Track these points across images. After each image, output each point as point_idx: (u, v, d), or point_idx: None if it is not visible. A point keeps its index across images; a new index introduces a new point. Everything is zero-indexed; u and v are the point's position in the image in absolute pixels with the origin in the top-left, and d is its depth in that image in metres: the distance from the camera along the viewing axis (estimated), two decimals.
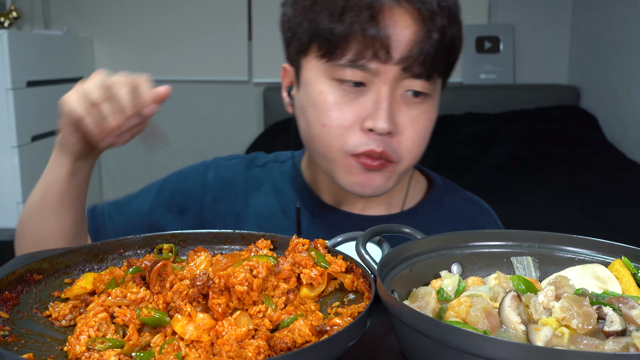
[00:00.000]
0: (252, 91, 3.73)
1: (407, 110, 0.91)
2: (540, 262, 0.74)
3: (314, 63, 0.92)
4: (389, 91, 0.89)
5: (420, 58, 0.87)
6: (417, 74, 0.89)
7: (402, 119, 0.91)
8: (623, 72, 3.40)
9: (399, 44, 0.86)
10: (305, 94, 0.94)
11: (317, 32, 0.89)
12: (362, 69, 0.88)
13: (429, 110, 0.94)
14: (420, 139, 0.94)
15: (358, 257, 0.69)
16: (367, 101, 0.90)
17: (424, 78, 0.90)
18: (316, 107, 0.92)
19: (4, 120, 2.59)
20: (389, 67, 0.87)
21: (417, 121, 0.92)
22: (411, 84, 0.90)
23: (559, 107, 3.68)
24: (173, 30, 3.59)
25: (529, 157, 3.30)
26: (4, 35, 2.52)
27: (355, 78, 0.89)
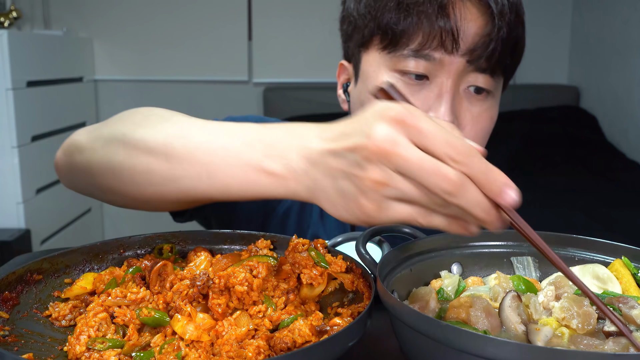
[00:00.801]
0: (252, 91, 3.73)
1: (469, 106, 0.90)
2: (540, 262, 0.74)
3: (375, 55, 0.91)
4: (453, 84, 0.88)
5: (487, 52, 0.86)
6: (482, 68, 0.87)
7: (463, 115, 0.90)
8: (623, 72, 3.40)
9: (467, 35, 0.86)
10: (364, 87, 0.93)
11: (380, 24, 0.88)
12: (426, 58, 0.86)
13: (491, 109, 0.92)
14: (480, 137, 0.92)
15: (358, 257, 0.69)
16: (429, 94, 0.88)
17: (488, 73, 0.88)
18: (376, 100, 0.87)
19: (4, 120, 2.59)
20: (454, 59, 0.86)
21: (479, 119, 0.91)
22: (475, 79, 0.89)
23: (559, 107, 3.69)
24: (173, 30, 3.59)
25: (529, 157, 3.30)
26: (4, 35, 2.52)
27: (418, 69, 0.87)
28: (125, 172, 0.71)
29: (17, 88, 2.62)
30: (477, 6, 0.86)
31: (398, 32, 0.86)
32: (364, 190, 0.53)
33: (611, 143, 3.47)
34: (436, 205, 0.53)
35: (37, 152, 2.80)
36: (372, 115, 0.54)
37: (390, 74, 0.89)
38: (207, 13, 3.58)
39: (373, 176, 0.52)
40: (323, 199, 0.57)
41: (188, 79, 3.66)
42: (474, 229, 0.55)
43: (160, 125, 0.70)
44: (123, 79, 3.63)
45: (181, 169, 0.66)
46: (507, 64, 0.91)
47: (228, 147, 0.62)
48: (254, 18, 3.61)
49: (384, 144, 0.51)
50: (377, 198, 0.53)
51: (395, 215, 0.54)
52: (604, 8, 3.57)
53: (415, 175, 0.51)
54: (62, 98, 3.12)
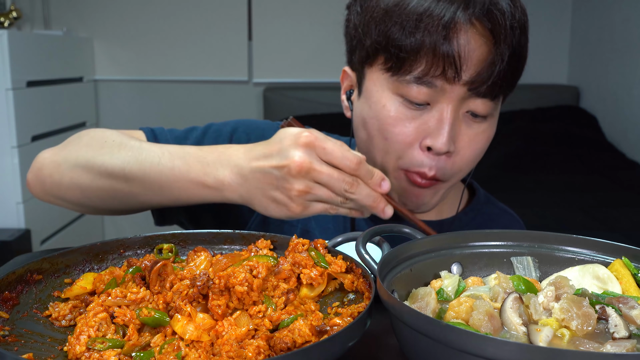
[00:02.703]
0: (252, 91, 3.73)
1: (466, 130, 0.90)
2: (540, 262, 0.74)
3: (378, 75, 0.91)
4: (453, 111, 0.88)
5: (489, 80, 0.86)
6: (483, 94, 0.87)
7: (461, 139, 0.90)
8: (623, 72, 3.40)
9: (469, 64, 0.85)
10: (367, 104, 0.93)
11: (385, 45, 0.87)
12: (429, 85, 0.86)
13: (489, 129, 0.93)
14: (475, 157, 0.93)
15: (358, 257, 0.69)
16: (429, 119, 0.88)
17: (489, 98, 0.88)
18: (378, 120, 0.91)
19: (4, 120, 2.59)
20: (456, 87, 0.86)
21: (476, 140, 0.91)
22: (475, 105, 0.89)
23: (559, 107, 3.69)
24: (173, 30, 3.59)
25: (529, 157, 3.30)
26: (4, 35, 2.52)
27: (420, 96, 0.87)
28: (92, 192, 0.88)
29: (17, 88, 2.62)
30: (481, 33, 0.85)
31: (404, 57, 0.86)
32: (291, 197, 0.76)
33: (611, 143, 3.48)
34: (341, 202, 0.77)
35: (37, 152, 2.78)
36: (288, 141, 0.75)
37: (392, 97, 0.89)
38: (207, 13, 3.58)
39: (298, 187, 0.75)
40: (256, 204, 0.80)
41: (188, 79, 3.66)
42: (367, 213, 0.80)
43: (118, 152, 0.86)
44: (123, 79, 3.63)
45: (138, 187, 0.84)
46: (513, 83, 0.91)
47: (173, 168, 0.82)
48: (254, 18, 3.61)
49: (303, 163, 0.74)
50: (302, 202, 0.77)
51: (314, 211, 0.78)
52: (604, 7, 3.57)
53: (327, 183, 0.75)
54: (62, 98, 3.12)
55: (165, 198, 0.85)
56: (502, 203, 1.17)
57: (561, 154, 3.35)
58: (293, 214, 0.78)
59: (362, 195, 0.76)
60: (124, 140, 0.87)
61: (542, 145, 3.40)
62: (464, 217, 1.09)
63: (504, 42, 0.85)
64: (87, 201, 0.90)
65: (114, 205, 0.89)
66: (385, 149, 0.91)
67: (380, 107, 0.90)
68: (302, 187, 0.75)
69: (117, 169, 0.84)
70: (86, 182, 0.87)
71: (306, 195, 0.76)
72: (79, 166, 0.87)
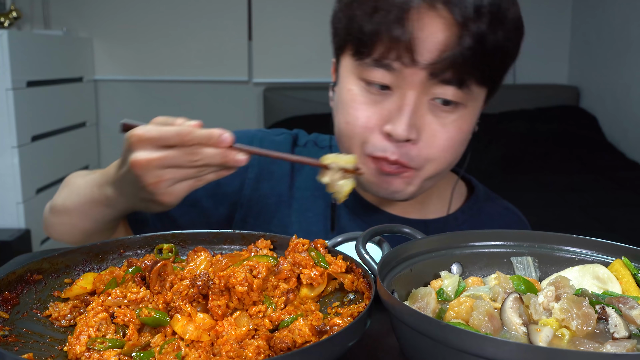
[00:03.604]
0: (252, 91, 3.73)
1: (433, 118, 0.87)
2: (540, 262, 0.74)
3: (348, 61, 0.91)
4: (415, 97, 0.85)
5: (449, 64, 0.82)
6: (447, 80, 0.84)
7: (427, 127, 0.87)
8: (623, 72, 3.40)
9: (427, 48, 0.82)
10: (338, 90, 0.94)
11: (350, 30, 0.87)
12: (387, 68, 0.85)
13: (460, 120, 0.89)
14: (446, 148, 0.89)
15: (358, 257, 0.69)
16: (391, 105, 0.87)
17: (455, 85, 0.85)
18: (343, 105, 0.91)
19: (4, 120, 2.59)
20: (415, 71, 0.84)
21: (445, 130, 0.88)
22: (442, 92, 0.86)
23: (559, 107, 3.69)
24: (173, 30, 3.59)
25: (529, 157, 3.30)
26: (4, 35, 2.52)
27: (382, 80, 0.86)
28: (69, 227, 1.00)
29: (17, 88, 2.62)
30: (441, 16, 0.82)
31: (363, 40, 0.85)
32: (153, 191, 0.78)
33: (611, 143, 3.48)
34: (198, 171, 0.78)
35: (37, 152, 2.80)
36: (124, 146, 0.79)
37: (356, 82, 0.89)
38: (207, 13, 3.58)
39: (150, 181, 0.77)
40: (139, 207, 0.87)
41: (188, 79, 3.66)
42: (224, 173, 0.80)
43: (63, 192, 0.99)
44: (123, 78, 3.63)
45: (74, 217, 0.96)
46: (484, 73, 0.86)
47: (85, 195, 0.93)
48: (254, 18, 3.62)
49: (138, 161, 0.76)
50: (165, 190, 0.78)
51: (182, 190, 0.79)
52: (604, 7, 3.57)
53: (172, 164, 0.76)
54: (62, 98, 3.12)
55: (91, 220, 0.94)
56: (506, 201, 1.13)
57: (561, 154, 3.35)
58: (168, 203, 0.80)
59: (208, 157, 0.76)
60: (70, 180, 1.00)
61: (542, 145, 3.40)
62: (460, 216, 1.06)
63: (464, 26, 0.81)
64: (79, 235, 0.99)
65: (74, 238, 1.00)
66: (348, 134, 0.91)
67: (346, 91, 0.91)
68: (153, 179, 0.77)
69: (59, 206, 0.98)
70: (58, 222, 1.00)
71: (163, 184, 0.77)
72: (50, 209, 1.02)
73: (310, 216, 1.03)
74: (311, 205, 1.04)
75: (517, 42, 0.89)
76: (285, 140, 1.09)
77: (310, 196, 1.04)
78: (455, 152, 0.92)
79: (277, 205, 1.04)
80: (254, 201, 1.04)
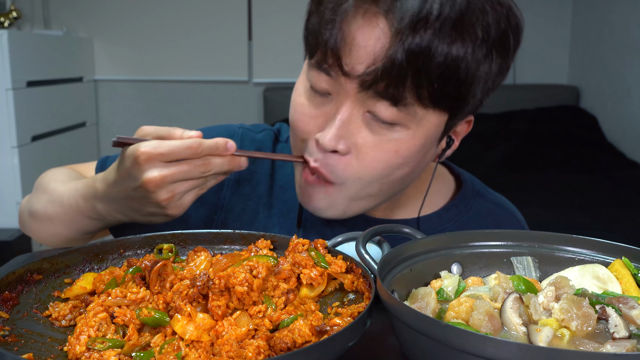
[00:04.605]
0: (252, 91, 3.73)
1: (368, 133, 0.81)
2: (540, 262, 0.74)
3: (306, 60, 0.88)
4: (349, 107, 0.80)
5: (379, 77, 0.75)
6: (380, 94, 0.77)
7: (359, 141, 0.81)
8: (623, 72, 3.40)
9: (357, 57, 0.76)
10: None
11: (305, 27, 0.86)
12: (327, 73, 0.80)
13: (398, 142, 0.81)
14: (376, 168, 0.82)
15: (358, 257, 0.69)
16: (328, 111, 0.83)
17: (389, 101, 0.77)
18: (292, 102, 0.90)
19: (4, 120, 2.59)
20: (348, 81, 0.78)
21: (377, 149, 0.81)
22: (377, 107, 0.79)
23: (559, 107, 3.69)
24: (173, 30, 3.59)
25: (529, 157, 3.30)
26: (4, 35, 2.52)
27: (321, 85, 0.82)
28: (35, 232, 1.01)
29: (17, 88, 2.62)
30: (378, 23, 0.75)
31: (308, 42, 0.83)
32: (163, 206, 0.80)
33: (611, 143, 3.48)
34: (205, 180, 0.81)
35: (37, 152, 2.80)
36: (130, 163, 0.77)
37: (304, 82, 0.86)
38: (207, 13, 3.58)
39: (163, 197, 0.79)
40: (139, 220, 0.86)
41: (188, 79, 3.67)
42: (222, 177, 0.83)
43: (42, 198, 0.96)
44: (123, 78, 3.63)
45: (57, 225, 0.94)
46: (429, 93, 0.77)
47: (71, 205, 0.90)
48: (254, 18, 3.62)
49: (153, 179, 0.77)
50: (175, 204, 0.81)
51: (189, 201, 0.82)
52: (604, 7, 3.57)
53: (184, 178, 0.79)
54: (62, 98, 3.12)
55: (76, 231, 0.93)
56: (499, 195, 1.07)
57: (561, 153, 3.35)
58: (175, 216, 0.83)
59: (218, 167, 0.80)
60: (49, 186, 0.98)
61: (542, 145, 3.40)
62: (444, 214, 0.99)
63: (398, 40, 0.73)
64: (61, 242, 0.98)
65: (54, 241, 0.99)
66: (293, 133, 0.89)
67: (295, 89, 0.89)
68: (166, 195, 0.79)
69: (40, 212, 0.96)
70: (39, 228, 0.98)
71: (174, 197, 0.80)
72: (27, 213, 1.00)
73: (293, 217, 0.99)
74: (293, 206, 1.00)
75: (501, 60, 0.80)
76: (266, 137, 1.05)
77: (293, 196, 0.99)
78: (387, 176, 0.84)
79: (258, 207, 1.01)
80: (234, 203, 1.01)
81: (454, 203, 1.01)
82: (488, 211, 1.02)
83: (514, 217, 1.05)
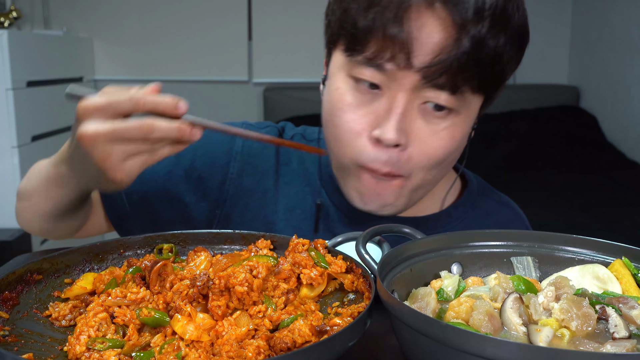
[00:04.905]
0: (252, 91, 3.73)
1: (423, 124, 0.83)
2: (540, 262, 0.74)
3: (339, 57, 0.87)
4: (405, 100, 0.81)
5: (445, 69, 0.77)
6: (440, 85, 0.79)
7: (415, 133, 0.83)
8: (623, 72, 3.40)
9: (422, 49, 0.77)
10: (327, 87, 0.91)
11: (344, 23, 0.83)
12: (379, 69, 0.80)
13: (452, 127, 0.84)
14: (436, 156, 0.85)
15: (358, 257, 0.69)
16: (380, 107, 0.83)
17: (448, 90, 0.80)
18: (331, 104, 0.88)
19: (4, 120, 2.59)
20: (408, 73, 0.79)
21: (436, 137, 0.84)
22: (434, 96, 0.81)
23: (559, 107, 3.69)
24: (173, 30, 3.59)
25: (529, 157, 3.30)
26: (4, 35, 2.52)
27: (372, 79, 0.82)
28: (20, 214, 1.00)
29: (17, 88, 2.62)
30: (440, 17, 0.77)
31: (357, 36, 0.81)
32: (103, 166, 0.69)
33: (611, 143, 3.48)
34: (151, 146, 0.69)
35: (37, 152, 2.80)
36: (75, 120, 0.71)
37: (346, 80, 0.85)
38: (207, 13, 3.58)
39: (98, 156, 0.68)
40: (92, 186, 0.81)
41: (188, 79, 3.66)
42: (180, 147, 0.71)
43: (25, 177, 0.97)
44: (123, 79, 3.63)
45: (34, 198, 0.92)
46: (481, 80, 0.81)
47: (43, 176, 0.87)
48: (254, 18, 3.61)
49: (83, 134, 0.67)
50: (115, 166, 0.69)
51: (135, 167, 0.70)
52: (604, 7, 3.57)
53: (125, 137, 0.67)
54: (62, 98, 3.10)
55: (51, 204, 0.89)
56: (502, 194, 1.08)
57: (561, 153, 3.35)
58: (120, 181, 0.71)
59: (163, 131, 0.67)
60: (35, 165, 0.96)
61: (542, 145, 3.40)
62: (453, 212, 1.01)
63: (464, 31, 0.77)
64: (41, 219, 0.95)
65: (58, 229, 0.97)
66: (337, 138, 0.87)
67: (334, 89, 0.87)
68: (101, 153, 0.68)
69: (22, 191, 0.96)
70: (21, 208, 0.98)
71: (112, 159, 0.68)
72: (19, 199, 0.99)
73: (298, 213, 0.99)
74: (299, 202, 0.99)
75: (520, 51, 0.85)
76: (270, 133, 1.05)
77: (299, 192, 1.00)
78: (445, 162, 0.87)
79: (262, 202, 1.00)
80: (237, 197, 1.00)
81: (461, 201, 1.03)
82: (494, 209, 1.04)
83: (518, 216, 1.06)
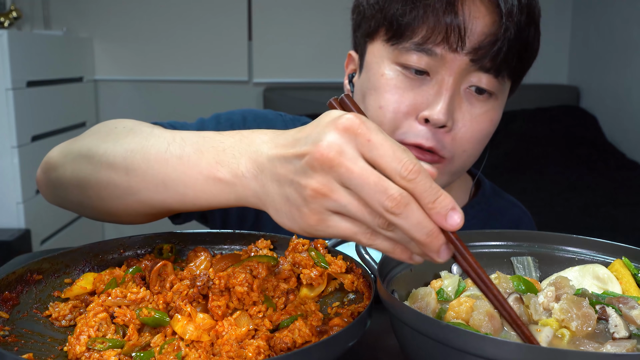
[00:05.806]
0: (252, 91, 3.73)
1: (468, 107, 0.88)
2: (540, 262, 0.74)
3: (379, 47, 0.90)
4: (453, 82, 0.86)
5: (492, 51, 0.84)
6: (486, 68, 0.86)
7: (461, 116, 0.88)
8: (623, 72, 3.40)
9: (473, 33, 0.84)
10: (366, 78, 0.93)
11: (387, 15, 0.87)
12: (428, 53, 0.85)
13: (491, 111, 0.90)
14: (477, 139, 0.90)
15: (358, 257, 0.69)
16: (428, 90, 0.87)
17: (492, 73, 0.86)
18: (376, 90, 0.90)
19: (4, 120, 2.58)
20: (457, 56, 0.85)
21: (478, 120, 0.89)
22: (478, 79, 0.87)
23: (559, 107, 3.69)
24: (173, 30, 3.59)
25: (529, 157, 3.30)
26: (4, 35, 2.51)
27: (419, 64, 0.86)
28: (90, 187, 0.73)
29: (17, 88, 2.61)
30: (486, 4, 0.84)
31: (403, 24, 0.85)
32: (306, 199, 0.51)
33: (611, 143, 3.47)
34: (379, 226, 0.50)
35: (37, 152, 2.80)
36: (324, 123, 0.51)
37: (391, 67, 0.88)
38: (207, 13, 3.58)
39: (314, 185, 0.50)
40: (270, 205, 0.56)
41: (188, 79, 3.66)
42: (417, 258, 0.52)
43: (123, 139, 0.71)
44: (123, 79, 3.63)
45: (139, 181, 0.67)
46: (515, 66, 0.88)
47: (182, 156, 0.63)
48: (254, 18, 3.61)
49: (330, 152, 0.49)
50: (319, 209, 0.51)
51: (337, 230, 0.52)
52: (604, 7, 3.57)
53: (357, 189, 0.49)
54: (62, 98, 3.12)
55: (168, 197, 0.66)
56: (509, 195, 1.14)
57: (561, 153, 3.35)
58: (306, 225, 0.53)
59: (411, 221, 0.48)
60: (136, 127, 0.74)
61: (542, 145, 3.40)
62: (470, 211, 1.05)
63: (507, 16, 0.84)
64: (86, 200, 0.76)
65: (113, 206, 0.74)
66: (380, 119, 0.88)
67: (379, 76, 0.89)
68: (319, 184, 0.50)
69: (119, 158, 0.70)
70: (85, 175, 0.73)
71: (324, 200, 0.51)
72: (80, 156, 0.75)
73: None
74: None
75: (539, 43, 0.92)
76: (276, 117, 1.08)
77: None
78: (482, 146, 0.92)
79: None
80: None
81: (476, 201, 1.07)
82: (505, 209, 1.09)
83: (526, 214, 1.12)
